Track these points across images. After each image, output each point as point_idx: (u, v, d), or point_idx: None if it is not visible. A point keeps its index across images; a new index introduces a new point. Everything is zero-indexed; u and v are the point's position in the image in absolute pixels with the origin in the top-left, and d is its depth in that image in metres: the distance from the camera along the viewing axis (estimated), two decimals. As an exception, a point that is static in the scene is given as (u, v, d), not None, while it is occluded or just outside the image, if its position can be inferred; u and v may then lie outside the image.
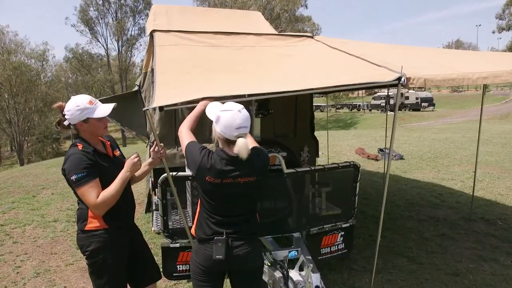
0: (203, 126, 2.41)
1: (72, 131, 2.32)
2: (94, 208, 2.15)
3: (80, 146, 2.22)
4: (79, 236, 2.27)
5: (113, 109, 2.30)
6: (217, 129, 1.99)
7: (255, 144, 2.19)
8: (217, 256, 2.01)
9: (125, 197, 2.40)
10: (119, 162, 2.36)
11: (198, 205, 2.21)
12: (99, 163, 2.22)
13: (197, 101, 2.34)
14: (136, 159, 2.27)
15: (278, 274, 2.78)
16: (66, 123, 2.24)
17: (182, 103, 2.41)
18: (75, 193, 2.23)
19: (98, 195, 2.14)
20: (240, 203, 2.08)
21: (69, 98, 2.27)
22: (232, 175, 1.98)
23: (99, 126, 2.28)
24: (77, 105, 2.19)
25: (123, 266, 2.37)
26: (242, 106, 2.03)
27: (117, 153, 2.46)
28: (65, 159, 2.20)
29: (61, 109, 2.24)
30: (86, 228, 2.23)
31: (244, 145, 1.92)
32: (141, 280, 2.55)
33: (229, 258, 2.04)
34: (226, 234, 2.05)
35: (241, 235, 2.08)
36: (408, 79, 2.53)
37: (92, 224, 2.23)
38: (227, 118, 1.96)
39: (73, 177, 2.12)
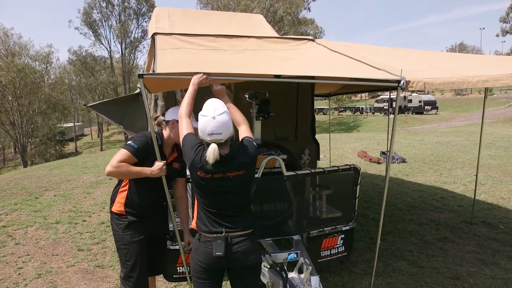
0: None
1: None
2: (109, 165, 2.38)
3: (155, 135, 2.48)
4: (110, 215, 2.65)
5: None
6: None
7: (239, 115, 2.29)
8: (217, 253, 2.07)
9: (152, 197, 2.63)
10: (169, 171, 2.57)
11: (196, 199, 2.27)
12: (152, 157, 2.45)
13: (193, 73, 2.39)
14: (163, 167, 2.47)
15: (277, 276, 2.78)
16: (162, 118, 2.66)
17: (181, 73, 2.48)
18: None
19: (122, 163, 2.38)
20: (232, 197, 2.14)
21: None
22: (222, 169, 2.05)
23: None
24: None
25: (141, 249, 2.59)
26: (222, 110, 2.05)
27: (176, 165, 2.68)
28: (138, 134, 2.61)
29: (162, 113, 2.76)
30: (112, 210, 2.61)
31: (212, 151, 1.99)
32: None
33: (228, 254, 2.09)
34: (225, 231, 2.11)
35: (238, 229, 2.14)
36: (407, 82, 2.54)
37: (116, 207, 2.59)
38: (201, 123, 2.04)
39: (129, 142, 2.48)
